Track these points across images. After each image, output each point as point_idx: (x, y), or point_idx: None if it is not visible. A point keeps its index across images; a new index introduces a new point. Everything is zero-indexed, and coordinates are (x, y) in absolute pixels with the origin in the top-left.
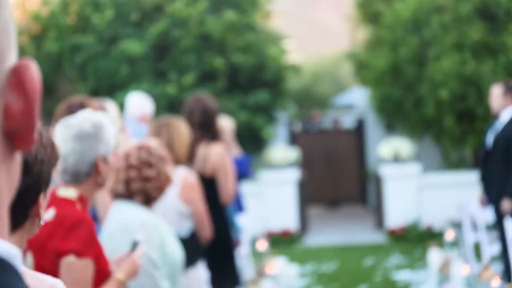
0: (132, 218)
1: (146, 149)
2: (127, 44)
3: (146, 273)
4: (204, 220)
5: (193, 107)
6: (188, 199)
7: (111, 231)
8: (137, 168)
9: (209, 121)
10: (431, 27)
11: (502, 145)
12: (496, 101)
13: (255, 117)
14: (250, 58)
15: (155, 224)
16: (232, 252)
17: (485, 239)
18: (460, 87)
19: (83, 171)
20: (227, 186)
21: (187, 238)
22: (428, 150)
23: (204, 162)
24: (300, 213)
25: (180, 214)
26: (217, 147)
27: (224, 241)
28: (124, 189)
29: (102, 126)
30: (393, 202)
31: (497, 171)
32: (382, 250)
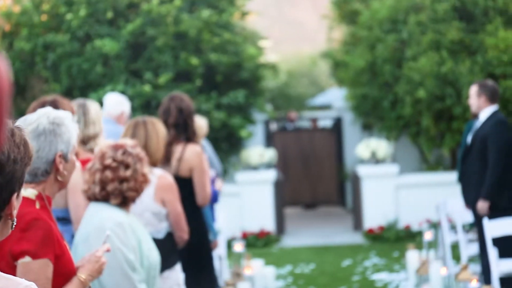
0: (108, 219)
1: (122, 148)
2: (102, 43)
3: (124, 276)
4: (181, 221)
5: (169, 106)
6: (165, 200)
7: (87, 233)
8: (113, 169)
9: (185, 121)
10: (409, 26)
11: (479, 145)
12: (474, 101)
13: (232, 117)
14: (227, 57)
15: (132, 225)
16: (209, 254)
17: (463, 240)
18: (438, 87)
19: (41, 170)
20: (204, 187)
21: (163, 240)
22: (406, 150)
23: (180, 162)
24: (277, 214)
25: (156, 215)
26: (194, 147)
27: (201, 243)
28: (100, 191)
29: (61, 123)
30: (371, 202)
31: (473, 171)
32: (360, 250)
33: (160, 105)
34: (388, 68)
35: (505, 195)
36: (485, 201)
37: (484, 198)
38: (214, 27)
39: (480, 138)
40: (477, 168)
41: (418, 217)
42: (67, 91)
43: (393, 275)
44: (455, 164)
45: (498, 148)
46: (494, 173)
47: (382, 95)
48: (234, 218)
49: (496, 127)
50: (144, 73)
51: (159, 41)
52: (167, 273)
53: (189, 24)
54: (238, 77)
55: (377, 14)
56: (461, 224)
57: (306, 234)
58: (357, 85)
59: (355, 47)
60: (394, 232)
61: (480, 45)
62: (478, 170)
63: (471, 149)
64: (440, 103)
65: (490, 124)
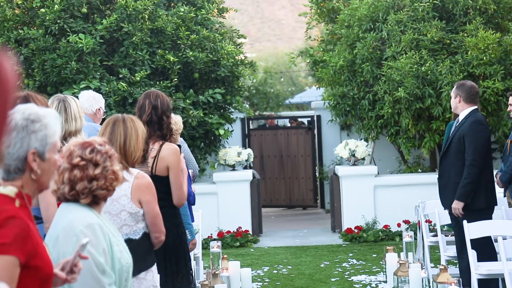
0: (77, 221)
1: (90, 146)
2: (76, 38)
3: (93, 279)
4: (158, 221)
5: (144, 103)
6: (142, 200)
7: (56, 235)
8: (81, 167)
9: (160, 118)
10: (388, 25)
11: (456, 145)
12: (452, 102)
13: (209, 115)
14: (204, 55)
15: (102, 227)
16: (186, 255)
17: (442, 241)
18: (417, 87)
19: (12, 166)
20: (181, 186)
21: (139, 240)
22: (385, 150)
23: (156, 161)
24: (254, 214)
25: (133, 215)
26: (171, 146)
27: (178, 243)
28: (69, 191)
29: (36, 120)
30: (350, 203)
31: (451, 172)
32: (338, 251)
33: (137, 102)
34: (367, 67)
35: (482, 196)
36: (459, 202)
37: (458, 199)
38: (192, 23)
39: (458, 138)
40: (455, 169)
41: (396, 218)
42: (41, 87)
43: (371, 276)
44: (434, 165)
45: (475, 148)
46: (470, 174)
47: (361, 94)
48: (211, 217)
49: (473, 127)
50: (120, 69)
51: (135, 37)
52: (143, 274)
53: (166, 20)
54: (216, 75)
55: (356, 13)
56: (440, 225)
57: (284, 235)
58: (336, 84)
59: (334, 46)
60: (372, 233)
61: (460, 45)
62: (455, 170)
63: (449, 150)
64: (420, 103)
65: (468, 124)
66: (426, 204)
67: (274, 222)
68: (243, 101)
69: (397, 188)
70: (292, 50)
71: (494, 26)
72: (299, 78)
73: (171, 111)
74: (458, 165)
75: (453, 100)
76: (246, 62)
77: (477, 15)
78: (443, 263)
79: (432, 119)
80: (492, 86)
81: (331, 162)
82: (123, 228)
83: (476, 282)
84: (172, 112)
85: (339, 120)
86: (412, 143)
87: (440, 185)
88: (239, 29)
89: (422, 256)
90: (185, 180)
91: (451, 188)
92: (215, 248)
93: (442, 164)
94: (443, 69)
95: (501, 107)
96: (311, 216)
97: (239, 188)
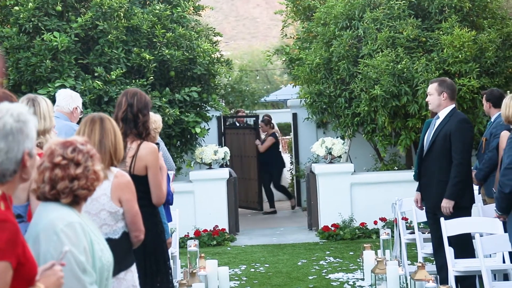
0: (58, 220)
1: (72, 146)
2: (51, 36)
3: (74, 277)
4: (138, 221)
5: (121, 100)
6: (122, 199)
7: (36, 234)
8: (62, 167)
9: (136, 116)
10: (364, 23)
11: (441, 143)
12: (434, 99)
13: (185, 113)
14: (180, 53)
15: (83, 226)
16: (164, 254)
17: (419, 239)
18: (393, 85)
19: (10, 171)
20: (159, 186)
21: (119, 240)
22: (361, 148)
23: (135, 160)
24: (231, 212)
25: (113, 214)
26: (149, 145)
27: (156, 243)
28: (49, 190)
29: (26, 120)
30: (326, 201)
31: (435, 170)
32: (315, 249)
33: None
34: (343, 65)
35: (467, 194)
36: (450, 201)
37: (449, 198)
38: (167, 21)
39: (443, 136)
40: (439, 167)
41: (373, 215)
42: (15, 86)
43: (349, 274)
44: (410, 162)
45: (463, 146)
46: (461, 172)
47: (338, 92)
48: (187, 216)
49: (460, 126)
50: (95, 68)
51: (110, 36)
52: (123, 274)
53: (141, 18)
54: (192, 73)
55: (332, 10)
56: (418, 223)
57: (260, 233)
58: (312, 82)
59: (310, 44)
60: (349, 231)
61: (436, 42)
62: (440, 168)
63: (433, 148)
64: (396, 100)
65: (454, 122)
66: (403, 202)
67: (250, 221)
68: (219, 99)
69: (373, 186)
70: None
71: (469, 24)
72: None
73: (149, 110)
74: (443, 164)
75: (437, 97)
76: (222, 60)
77: (452, 13)
78: (420, 260)
79: (408, 116)
80: (468, 84)
81: (307, 160)
82: (103, 228)
83: (453, 279)
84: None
85: (316, 118)
86: (388, 141)
87: (422, 184)
88: (214, 27)
89: (399, 253)
90: (164, 179)
91: (434, 187)
92: (192, 247)
93: (425, 162)
94: (419, 67)
95: (477, 105)
96: (287, 214)
97: (215, 187)
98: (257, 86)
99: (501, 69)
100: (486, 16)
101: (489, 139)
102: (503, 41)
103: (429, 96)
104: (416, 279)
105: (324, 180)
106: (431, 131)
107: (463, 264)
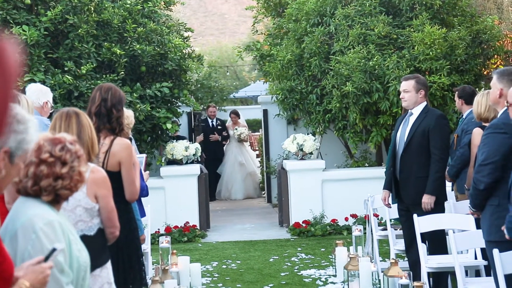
0: (38, 217)
1: (61, 144)
2: (20, 30)
3: (52, 278)
4: (113, 217)
5: (95, 95)
6: (97, 195)
7: (14, 230)
8: (49, 164)
9: (109, 111)
10: (336, 19)
11: (419, 140)
12: (411, 96)
13: (156, 109)
14: (151, 48)
15: (62, 224)
16: (138, 251)
17: (391, 235)
18: (365, 81)
19: None
20: (133, 182)
21: (94, 236)
22: (331, 144)
23: (108, 155)
24: (202, 208)
25: (89, 211)
26: (122, 140)
27: (130, 239)
28: (32, 185)
29: (21, 121)
30: (297, 197)
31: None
32: (286, 246)
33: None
34: (315, 61)
35: (444, 190)
36: (431, 196)
37: (431, 193)
38: (138, 16)
39: (421, 132)
40: (417, 163)
41: (344, 212)
42: None
43: (321, 270)
44: (380, 159)
45: (443, 142)
46: (441, 168)
47: (309, 88)
48: (158, 212)
49: (439, 122)
50: (65, 62)
51: (80, 30)
52: (98, 271)
53: (112, 12)
54: (163, 68)
55: (304, 7)
56: (390, 220)
57: (231, 229)
58: (284, 78)
59: (281, 40)
60: (320, 227)
61: (407, 40)
62: (418, 165)
63: (410, 144)
64: (367, 97)
65: (432, 118)
66: (375, 198)
67: (221, 217)
68: (190, 95)
69: (344, 182)
70: (236, 45)
71: (440, 22)
72: (243, 72)
73: (123, 106)
74: (421, 160)
75: (414, 94)
76: (193, 56)
77: (423, 10)
78: (393, 257)
79: (379, 113)
80: (438, 81)
81: (277, 156)
82: (78, 224)
83: (426, 275)
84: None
85: (286, 115)
86: (359, 138)
87: (399, 180)
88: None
89: (371, 250)
90: (137, 174)
91: (412, 183)
92: (164, 243)
93: (402, 159)
94: (390, 63)
95: (447, 102)
96: (258, 211)
97: (186, 183)
98: (226, 82)
99: (470, 66)
100: (456, 14)
101: (460, 135)
102: (473, 38)
103: (405, 93)
104: (390, 276)
105: (296, 177)
106: (406, 128)
107: (436, 261)
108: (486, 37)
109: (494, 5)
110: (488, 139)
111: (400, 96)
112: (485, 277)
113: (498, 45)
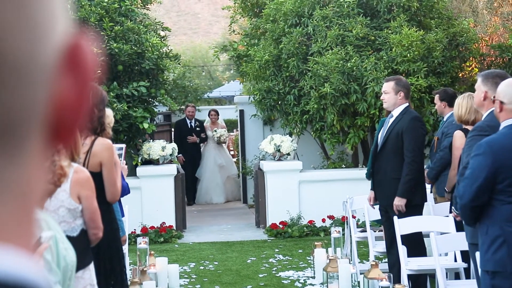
0: None
1: None
2: None
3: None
4: (96, 218)
5: None
6: (81, 195)
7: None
8: None
9: (91, 111)
10: (314, 20)
11: (394, 141)
12: (390, 98)
13: (133, 108)
14: (128, 47)
15: (48, 223)
16: (120, 252)
17: (371, 237)
18: (343, 83)
19: None
20: (114, 183)
21: (77, 238)
22: (308, 145)
23: (89, 156)
24: (178, 209)
25: (72, 211)
26: (104, 141)
27: (111, 240)
28: None
29: None
30: (274, 198)
31: (387, 168)
32: (264, 247)
33: None
34: (293, 62)
35: (418, 192)
36: (402, 198)
37: (401, 196)
38: (115, 14)
39: (395, 134)
40: (391, 165)
41: (321, 213)
42: None
43: (299, 272)
44: (357, 161)
45: (415, 144)
46: (412, 170)
47: (287, 89)
48: (134, 212)
49: (412, 124)
50: None
51: None
52: (81, 272)
53: (89, 10)
54: (140, 67)
55: (282, 7)
56: (369, 221)
57: (208, 230)
58: (261, 79)
59: (258, 40)
60: (297, 228)
61: (385, 41)
62: (392, 166)
63: (385, 146)
64: (345, 99)
65: (406, 120)
66: (354, 200)
67: (197, 218)
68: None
69: (321, 184)
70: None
71: (417, 24)
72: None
73: (105, 105)
74: (395, 162)
75: (394, 96)
76: (171, 55)
77: (400, 12)
78: (372, 259)
79: (357, 115)
80: (416, 83)
81: (254, 157)
82: (61, 225)
83: (406, 277)
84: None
85: (263, 115)
86: (336, 139)
87: (375, 182)
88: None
89: (349, 251)
90: (118, 174)
91: (387, 184)
92: (142, 244)
93: (378, 160)
94: (368, 65)
95: (424, 104)
96: (234, 212)
97: (163, 183)
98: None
99: (447, 68)
100: (433, 16)
101: (441, 138)
102: (450, 41)
103: (385, 95)
104: (370, 278)
105: (273, 178)
106: (385, 129)
107: (417, 263)
108: (463, 40)
109: (470, 8)
110: (472, 141)
111: (381, 97)
112: (465, 279)
113: (474, 48)
